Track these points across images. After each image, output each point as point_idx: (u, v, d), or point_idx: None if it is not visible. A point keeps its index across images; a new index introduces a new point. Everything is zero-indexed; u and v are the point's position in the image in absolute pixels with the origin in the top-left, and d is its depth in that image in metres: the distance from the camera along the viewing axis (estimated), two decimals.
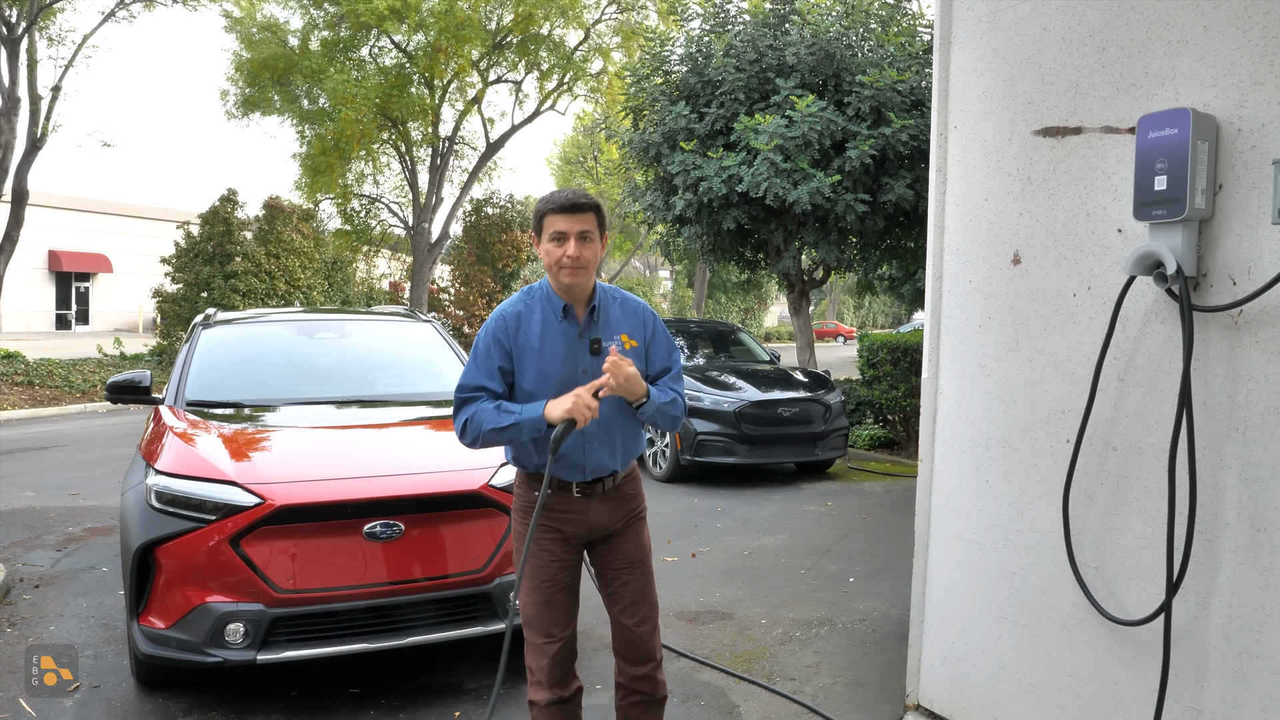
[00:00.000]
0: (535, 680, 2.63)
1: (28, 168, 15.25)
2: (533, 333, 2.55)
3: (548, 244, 2.49)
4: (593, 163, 34.99)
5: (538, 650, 2.62)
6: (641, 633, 2.67)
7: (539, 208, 2.54)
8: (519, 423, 2.45)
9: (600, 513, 2.63)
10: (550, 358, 2.54)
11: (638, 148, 10.79)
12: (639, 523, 2.73)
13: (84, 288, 35.79)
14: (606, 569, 2.71)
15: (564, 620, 2.64)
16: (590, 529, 2.64)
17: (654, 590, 2.73)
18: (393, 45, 21.00)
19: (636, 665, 2.68)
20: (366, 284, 25.80)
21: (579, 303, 2.59)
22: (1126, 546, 2.57)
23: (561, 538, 2.62)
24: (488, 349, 2.55)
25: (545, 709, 2.62)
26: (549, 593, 2.61)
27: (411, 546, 3.57)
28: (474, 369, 2.56)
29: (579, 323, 2.58)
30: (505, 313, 2.58)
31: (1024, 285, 2.85)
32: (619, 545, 2.68)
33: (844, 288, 44.19)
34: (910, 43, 10.21)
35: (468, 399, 2.54)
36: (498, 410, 2.48)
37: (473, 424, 2.50)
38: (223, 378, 4.69)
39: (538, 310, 2.58)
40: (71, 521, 6.73)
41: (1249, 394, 2.28)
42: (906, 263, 12.37)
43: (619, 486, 2.67)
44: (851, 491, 8.36)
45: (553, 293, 2.58)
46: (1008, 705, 2.93)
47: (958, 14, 3.10)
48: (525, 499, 2.64)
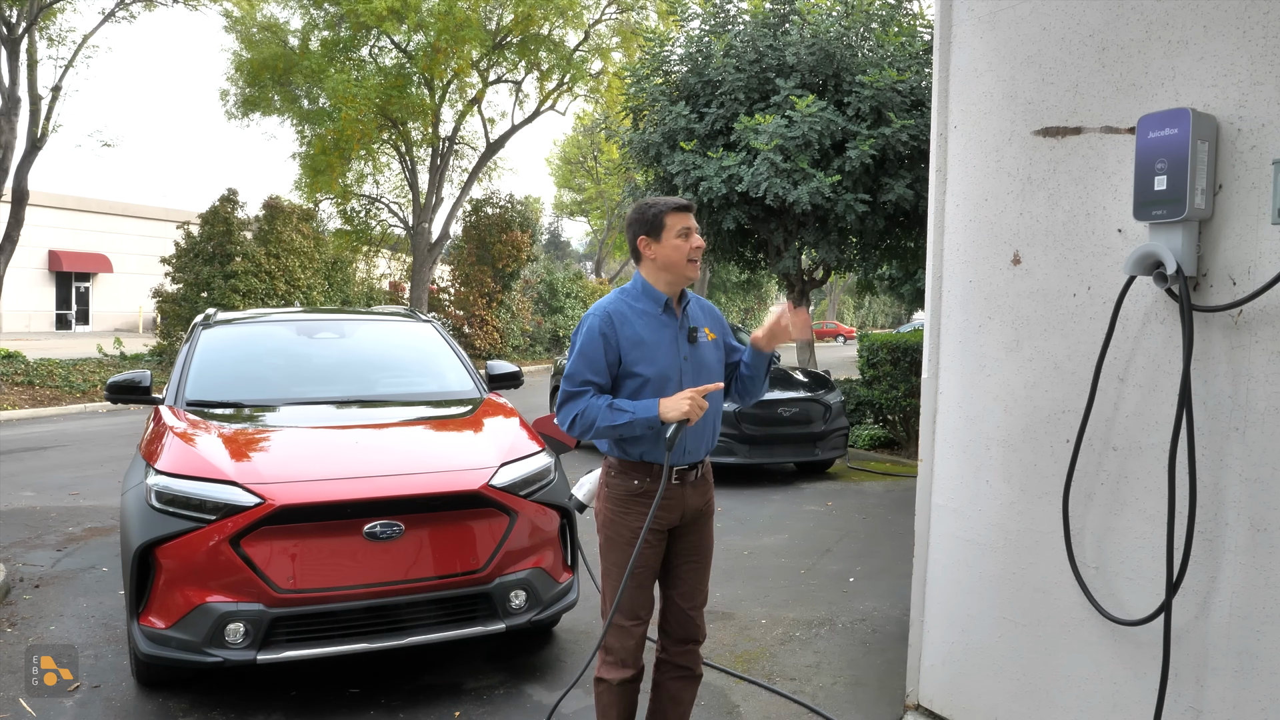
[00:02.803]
0: (615, 660, 2.80)
1: (28, 168, 15.25)
2: (638, 326, 2.73)
3: (675, 240, 2.70)
4: (593, 163, 35.00)
5: (625, 633, 2.79)
6: (694, 615, 2.91)
7: (654, 210, 2.73)
8: (634, 421, 2.62)
9: (691, 498, 2.82)
10: (657, 347, 2.73)
11: (638, 148, 10.79)
12: (710, 516, 2.94)
13: (84, 288, 35.78)
14: (676, 554, 2.87)
15: (648, 605, 2.84)
16: (682, 514, 2.81)
17: (709, 578, 2.97)
18: (393, 45, 21.02)
19: (683, 644, 2.92)
20: (366, 284, 25.80)
21: (677, 298, 2.79)
22: (1126, 546, 2.57)
23: (658, 526, 2.77)
24: (593, 345, 2.70)
25: (617, 687, 2.80)
26: (643, 577, 2.79)
27: (412, 546, 3.57)
28: (580, 364, 2.71)
29: (678, 315, 2.78)
30: (608, 310, 2.74)
31: (1024, 285, 2.85)
32: (692, 534, 2.87)
33: (844, 288, 44.21)
34: (910, 43, 10.20)
35: (575, 393, 2.70)
36: (611, 409, 2.64)
37: (583, 419, 2.67)
38: (223, 378, 4.69)
39: (639, 304, 2.77)
40: (71, 521, 6.73)
41: (1249, 394, 2.28)
42: (906, 263, 12.36)
43: (704, 475, 2.87)
44: (851, 491, 8.36)
45: (651, 289, 2.77)
46: (1008, 705, 2.93)
47: (958, 14, 3.10)
48: (623, 488, 2.78)
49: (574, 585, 4.10)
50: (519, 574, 3.75)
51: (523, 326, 26.10)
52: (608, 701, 2.83)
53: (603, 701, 2.84)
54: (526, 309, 26.34)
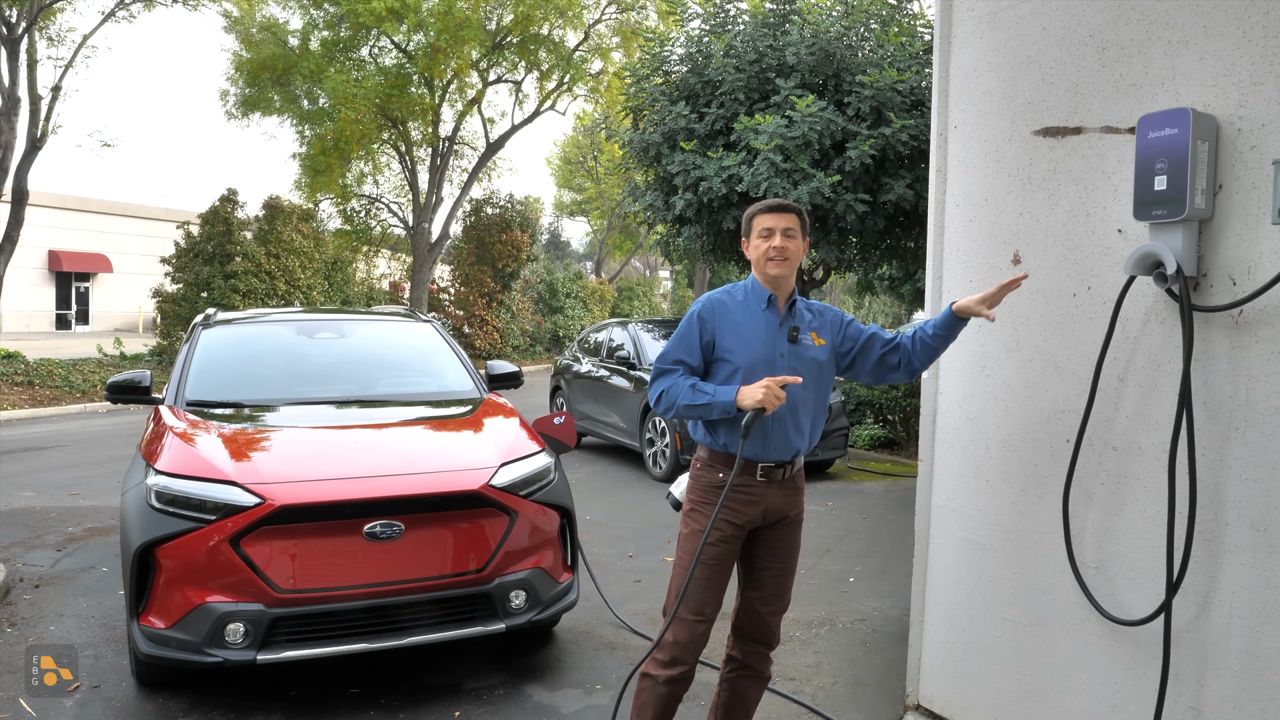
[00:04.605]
0: (667, 657, 2.72)
1: (28, 168, 15.24)
2: (737, 316, 2.78)
3: (756, 240, 2.77)
4: (593, 163, 35.00)
5: (686, 626, 2.72)
6: (771, 620, 2.88)
7: (748, 212, 2.82)
8: (711, 403, 2.66)
9: (776, 498, 2.78)
10: (752, 337, 2.76)
11: (638, 148, 10.78)
12: (799, 524, 2.90)
13: (84, 288, 35.77)
14: (758, 556, 2.85)
15: (716, 602, 2.77)
16: (764, 513, 2.78)
17: (791, 586, 2.94)
18: (392, 45, 21.01)
19: (756, 645, 2.90)
20: (366, 284, 25.79)
21: (781, 296, 2.82)
22: (1126, 546, 2.57)
23: (736, 520, 2.74)
24: (690, 327, 2.78)
25: (662, 685, 2.73)
26: (712, 570, 2.73)
27: (411, 546, 3.57)
28: (676, 344, 2.79)
29: (780, 313, 2.80)
30: (713, 297, 2.83)
31: (1024, 285, 2.85)
32: (777, 540, 2.84)
33: (844, 288, 44.20)
34: (910, 43, 10.19)
35: (666, 370, 2.77)
36: (693, 389, 2.69)
37: (668, 395, 2.73)
38: (223, 378, 4.69)
39: (742, 297, 2.82)
40: (71, 521, 6.73)
41: (1249, 394, 2.28)
42: (906, 263, 12.35)
43: (793, 477, 2.83)
44: (851, 491, 8.36)
45: (759, 285, 2.82)
46: (1008, 705, 2.93)
47: (958, 14, 3.10)
48: (707, 479, 2.79)
49: (574, 585, 4.10)
50: (519, 574, 3.75)
51: (523, 326, 26.10)
52: (646, 700, 2.74)
53: (641, 699, 2.76)
54: (526, 309, 26.34)
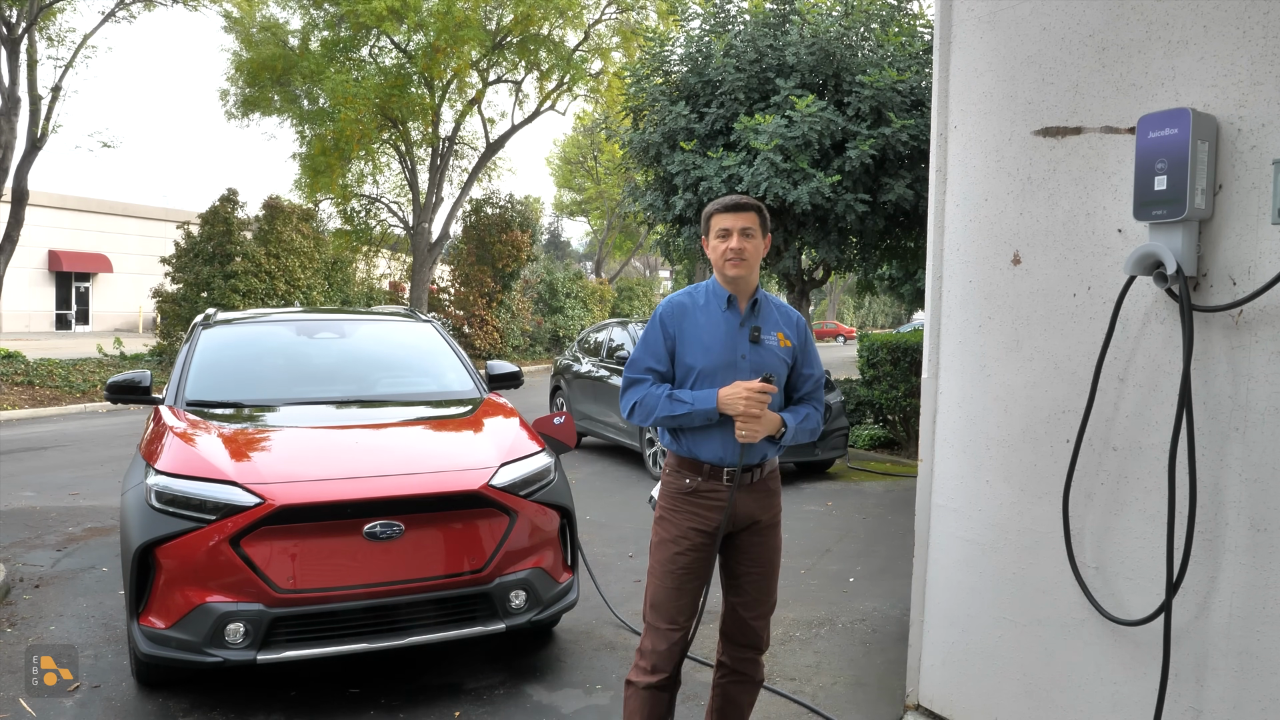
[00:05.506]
0: (646, 664, 2.74)
1: (28, 168, 15.25)
2: (698, 318, 2.76)
3: (714, 240, 2.74)
4: (592, 163, 35.01)
5: (659, 635, 2.73)
6: (756, 625, 2.84)
7: (706, 210, 2.78)
8: (691, 411, 2.64)
9: (746, 503, 2.74)
10: (711, 340, 2.73)
11: (638, 148, 10.78)
12: (775, 527, 2.85)
13: (84, 288, 35.77)
14: (738, 564, 2.82)
15: (690, 610, 2.74)
16: (734, 519, 2.74)
17: (775, 589, 2.88)
18: (392, 45, 21.02)
19: (744, 650, 2.86)
20: (366, 284, 25.78)
21: (742, 296, 2.78)
22: (1126, 546, 2.57)
23: (704, 527, 2.71)
24: (654, 331, 2.77)
25: (642, 690, 2.74)
26: (681, 579, 2.71)
27: (411, 546, 3.57)
28: (643, 350, 2.77)
29: (741, 313, 2.77)
30: (674, 300, 2.81)
31: (1024, 285, 2.85)
32: (753, 546, 2.79)
33: (844, 288, 44.21)
34: (910, 43, 10.20)
35: (636, 380, 2.75)
36: (670, 399, 2.67)
37: (642, 406, 2.70)
38: (223, 378, 4.69)
39: (703, 299, 2.80)
40: (71, 521, 6.73)
41: (1249, 394, 2.28)
42: (906, 263, 12.35)
43: (765, 480, 2.79)
44: (851, 491, 8.36)
45: (719, 286, 2.79)
46: (1008, 705, 2.93)
47: (958, 14, 3.10)
48: (674, 485, 2.76)
49: (574, 585, 4.10)
50: (519, 574, 3.75)
51: (523, 326, 26.11)
52: (634, 706, 2.75)
53: (629, 706, 2.77)
54: (526, 309, 26.35)
